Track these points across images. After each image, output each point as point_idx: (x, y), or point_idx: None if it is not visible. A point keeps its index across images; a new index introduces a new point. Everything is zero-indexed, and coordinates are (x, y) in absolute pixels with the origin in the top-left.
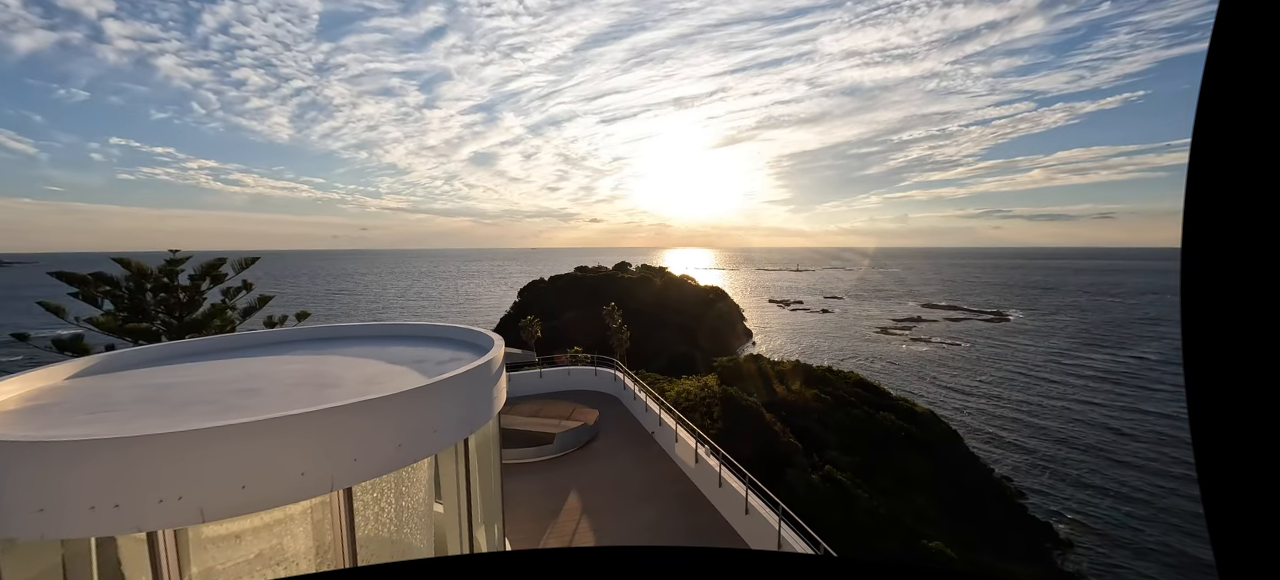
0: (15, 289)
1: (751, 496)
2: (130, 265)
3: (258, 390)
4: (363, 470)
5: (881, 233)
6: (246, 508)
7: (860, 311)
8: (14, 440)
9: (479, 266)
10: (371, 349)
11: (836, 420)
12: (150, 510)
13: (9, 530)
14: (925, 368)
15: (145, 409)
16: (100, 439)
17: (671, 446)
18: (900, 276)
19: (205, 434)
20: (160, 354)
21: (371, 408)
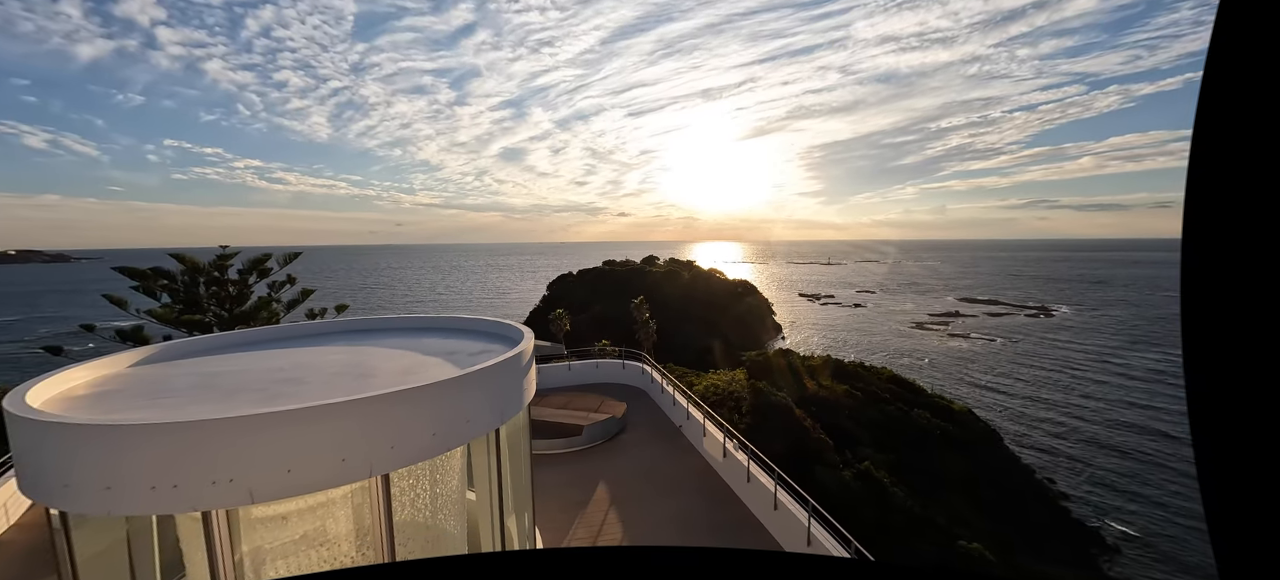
0: (82, 283)
1: (780, 492)
2: (185, 260)
3: (301, 379)
4: (399, 457)
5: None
6: (291, 491)
7: (894, 306)
8: (83, 423)
9: (508, 261)
10: (406, 341)
11: (869, 417)
12: (205, 491)
13: (79, 506)
14: (963, 364)
15: (199, 396)
16: (159, 423)
17: (699, 440)
18: (937, 269)
19: (254, 420)
20: (211, 344)
21: (408, 397)
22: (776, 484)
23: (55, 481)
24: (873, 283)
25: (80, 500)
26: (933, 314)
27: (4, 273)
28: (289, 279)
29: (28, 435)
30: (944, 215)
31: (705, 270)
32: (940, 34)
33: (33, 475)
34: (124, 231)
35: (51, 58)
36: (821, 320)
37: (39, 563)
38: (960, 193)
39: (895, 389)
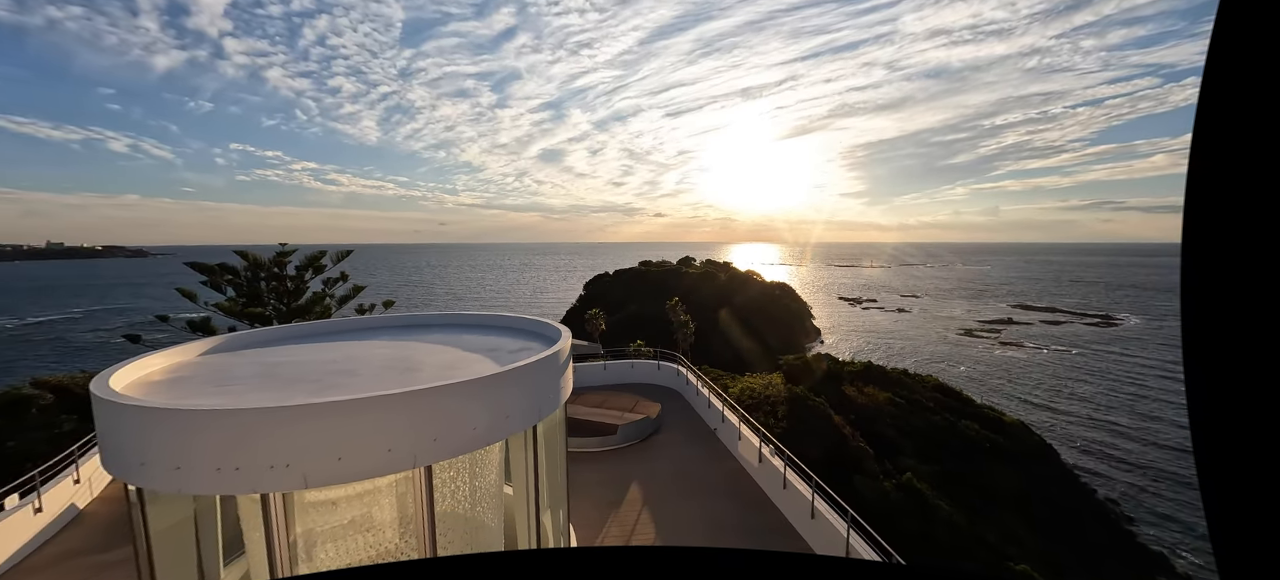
0: (157, 277)
1: (818, 500)
2: (248, 257)
3: (352, 371)
4: (442, 449)
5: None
6: (341, 478)
7: (941, 311)
8: (156, 406)
9: (545, 260)
10: (448, 336)
11: (912, 426)
12: (263, 475)
13: (153, 483)
14: (1016, 374)
15: (260, 385)
16: (223, 409)
17: (734, 444)
18: (988, 274)
19: (308, 409)
20: (271, 336)
21: (450, 392)
22: (814, 491)
23: (133, 459)
24: (918, 287)
25: (154, 478)
26: (983, 321)
27: (90, 267)
28: (342, 275)
29: (110, 416)
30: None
31: (742, 272)
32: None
33: (114, 453)
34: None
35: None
36: (862, 325)
37: (119, 533)
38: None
39: (941, 398)
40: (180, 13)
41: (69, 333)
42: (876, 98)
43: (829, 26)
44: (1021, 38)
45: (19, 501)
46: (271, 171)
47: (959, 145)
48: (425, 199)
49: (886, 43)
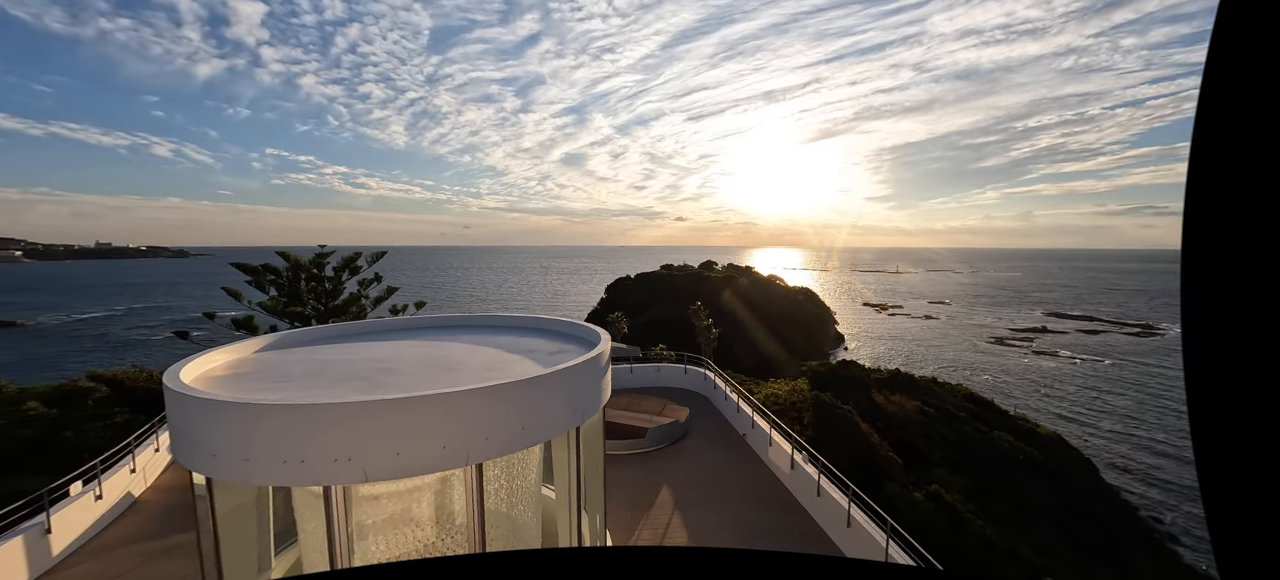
0: (196, 277)
1: (854, 509)
2: (290, 259)
3: (399, 370)
4: (492, 447)
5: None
6: (399, 473)
7: (970, 318)
8: (227, 400)
9: (566, 263)
10: (487, 337)
11: (942, 435)
12: (327, 468)
13: (222, 473)
14: (1050, 385)
15: (316, 381)
16: (290, 404)
17: (764, 450)
18: (1020, 281)
19: (369, 405)
20: (318, 335)
21: (501, 391)
22: (850, 500)
23: (205, 450)
24: (946, 293)
25: (223, 468)
26: (1015, 329)
27: (135, 266)
28: (376, 277)
29: (184, 408)
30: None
31: (764, 276)
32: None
33: (185, 443)
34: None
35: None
36: (888, 332)
37: (173, 520)
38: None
39: (972, 407)
40: (220, 23)
41: (112, 329)
42: (903, 100)
43: (854, 28)
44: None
45: (82, 489)
46: (304, 175)
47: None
48: (450, 202)
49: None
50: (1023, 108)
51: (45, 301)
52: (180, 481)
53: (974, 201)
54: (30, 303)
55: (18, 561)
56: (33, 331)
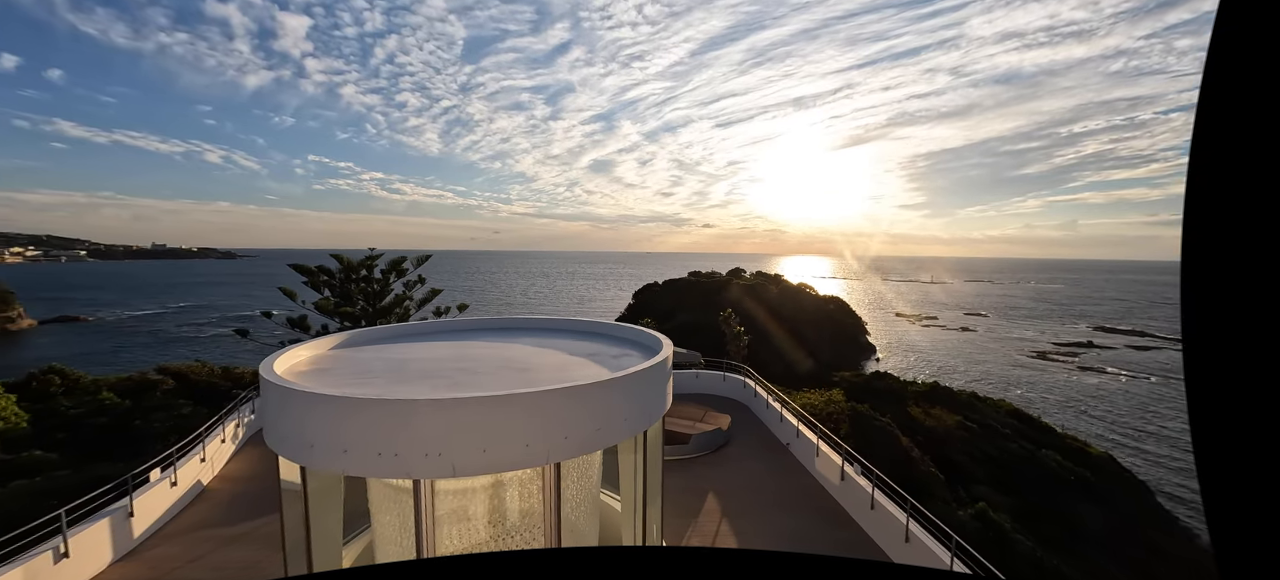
0: (243, 277)
1: (913, 524)
2: (342, 261)
3: (473, 369)
4: (571, 447)
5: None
6: (484, 469)
7: (1009, 332)
8: (327, 394)
9: (593, 268)
10: (546, 340)
11: (985, 452)
12: (419, 461)
13: (320, 463)
14: (1097, 403)
15: (396, 378)
16: (388, 399)
17: (811, 460)
18: (1063, 293)
19: (462, 402)
20: (388, 334)
21: (581, 393)
22: (909, 515)
23: (301, 441)
24: (984, 304)
25: (320, 458)
26: (1059, 343)
27: (187, 266)
28: (420, 279)
29: (282, 401)
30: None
31: (794, 284)
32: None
33: (282, 433)
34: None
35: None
36: (921, 343)
37: (240, 508)
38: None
39: (1017, 424)
40: (268, 36)
41: (165, 325)
42: (939, 105)
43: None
44: (1104, 39)
45: (159, 476)
46: (343, 181)
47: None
48: (481, 207)
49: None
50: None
51: (105, 298)
52: (244, 472)
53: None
54: (92, 299)
55: (104, 542)
56: (93, 326)
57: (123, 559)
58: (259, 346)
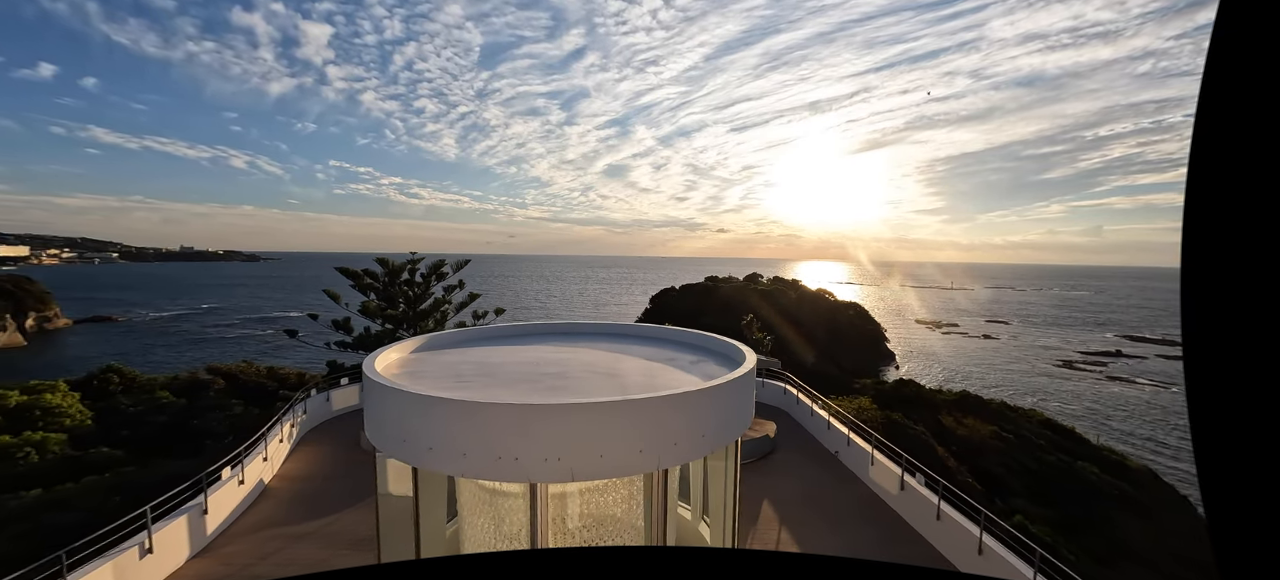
0: (267, 279)
1: (986, 538)
2: (387, 264)
3: (562, 373)
4: (680, 453)
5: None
6: (601, 473)
7: (1034, 339)
8: (446, 398)
9: (605, 273)
10: (619, 345)
11: (1021, 463)
12: (538, 466)
13: (443, 467)
14: (1129, 415)
15: (490, 382)
16: (509, 404)
17: (864, 469)
18: (1089, 300)
19: (580, 408)
20: (459, 339)
21: (688, 400)
22: (982, 528)
23: (417, 444)
24: (1006, 311)
25: (438, 460)
26: (1086, 352)
27: (214, 268)
28: (459, 283)
29: (397, 404)
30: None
31: (812, 290)
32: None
33: (394, 436)
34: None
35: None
36: (943, 351)
37: (304, 506)
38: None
39: (1051, 435)
40: (292, 44)
41: (191, 326)
42: (959, 108)
43: (905, 35)
44: (1132, 40)
45: (230, 473)
46: (363, 185)
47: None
48: (497, 212)
49: (971, 50)
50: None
51: (136, 299)
52: (301, 471)
53: (1037, 215)
54: (124, 300)
55: (182, 538)
56: (124, 325)
57: (198, 556)
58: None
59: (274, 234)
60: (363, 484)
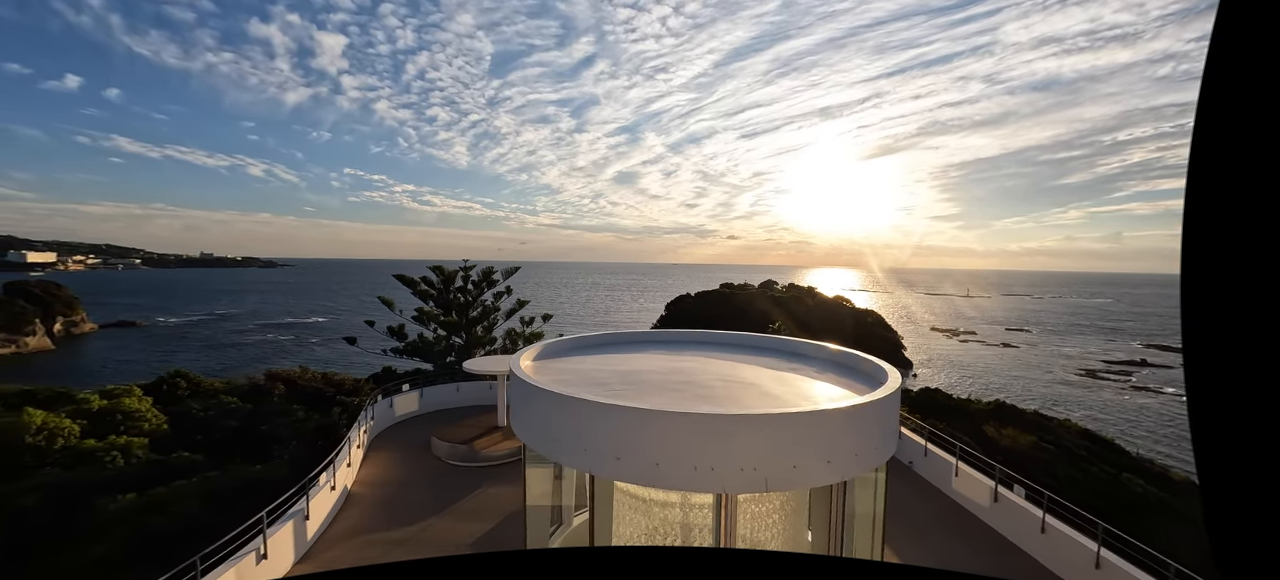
0: (283, 285)
1: (1105, 553)
2: (443, 272)
3: (701, 383)
4: (862, 463)
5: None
6: (793, 484)
7: (1054, 347)
8: (611, 404)
9: (614, 279)
10: (734, 356)
11: (1067, 474)
12: (732, 476)
13: (631, 478)
14: (1157, 426)
15: (637, 390)
16: (707, 414)
17: (946, 481)
18: (1110, 307)
19: (776, 419)
20: (574, 345)
21: (868, 411)
22: (1100, 541)
23: (607, 455)
24: (1025, 319)
25: (628, 471)
26: (1110, 361)
27: (233, 274)
28: (507, 289)
29: (561, 409)
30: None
31: (829, 297)
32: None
33: (577, 447)
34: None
35: (268, 105)
36: (961, 359)
37: (389, 512)
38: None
39: (1090, 446)
40: (307, 55)
41: (211, 332)
42: (973, 113)
43: (918, 40)
44: (1151, 42)
45: (325, 479)
46: (377, 193)
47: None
48: (508, 219)
49: (985, 54)
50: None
51: (157, 304)
52: (377, 476)
53: (1054, 221)
54: (146, 305)
55: (288, 544)
56: (146, 330)
57: (301, 561)
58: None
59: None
60: (443, 491)
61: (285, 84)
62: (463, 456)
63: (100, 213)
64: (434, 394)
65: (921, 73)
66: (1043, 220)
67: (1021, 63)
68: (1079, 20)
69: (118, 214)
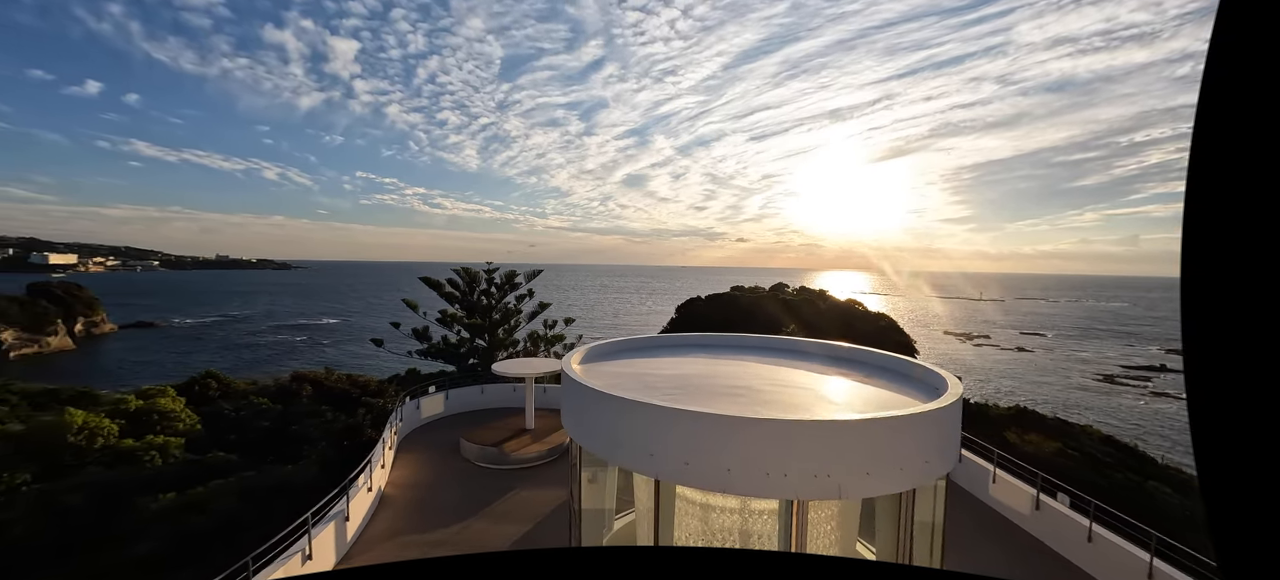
0: (296, 288)
1: (1159, 564)
2: (469, 274)
3: (754, 388)
4: (932, 471)
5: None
6: (865, 491)
7: (1070, 352)
8: (678, 409)
9: (623, 282)
10: (783, 360)
11: (1093, 482)
12: (805, 483)
13: (701, 483)
14: (1179, 434)
15: (683, 393)
16: (776, 419)
17: (982, 488)
18: (1127, 311)
19: (851, 425)
20: (620, 349)
21: (935, 417)
22: (1153, 554)
23: (675, 459)
24: (1040, 323)
25: (697, 477)
26: (1128, 366)
27: (248, 277)
28: (529, 292)
29: (628, 414)
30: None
31: (842, 301)
32: (1136, 30)
33: (640, 452)
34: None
35: (282, 109)
36: (976, 364)
37: (424, 514)
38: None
39: (1115, 453)
40: (320, 60)
41: (227, 333)
42: (985, 115)
43: (929, 41)
44: (1169, 42)
45: (362, 481)
46: (388, 196)
47: (1088, 165)
48: (517, 221)
49: (998, 55)
50: (1128, 121)
51: (175, 305)
52: (408, 478)
53: (1069, 223)
54: (164, 306)
55: (329, 545)
56: (165, 331)
57: (341, 563)
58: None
59: (304, 243)
60: (474, 494)
61: (299, 88)
62: (492, 459)
63: (119, 215)
64: (459, 396)
65: (933, 74)
66: (1057, 223)
67: (1035, 63)
68: (1094, 20)
69: (136, 217)
